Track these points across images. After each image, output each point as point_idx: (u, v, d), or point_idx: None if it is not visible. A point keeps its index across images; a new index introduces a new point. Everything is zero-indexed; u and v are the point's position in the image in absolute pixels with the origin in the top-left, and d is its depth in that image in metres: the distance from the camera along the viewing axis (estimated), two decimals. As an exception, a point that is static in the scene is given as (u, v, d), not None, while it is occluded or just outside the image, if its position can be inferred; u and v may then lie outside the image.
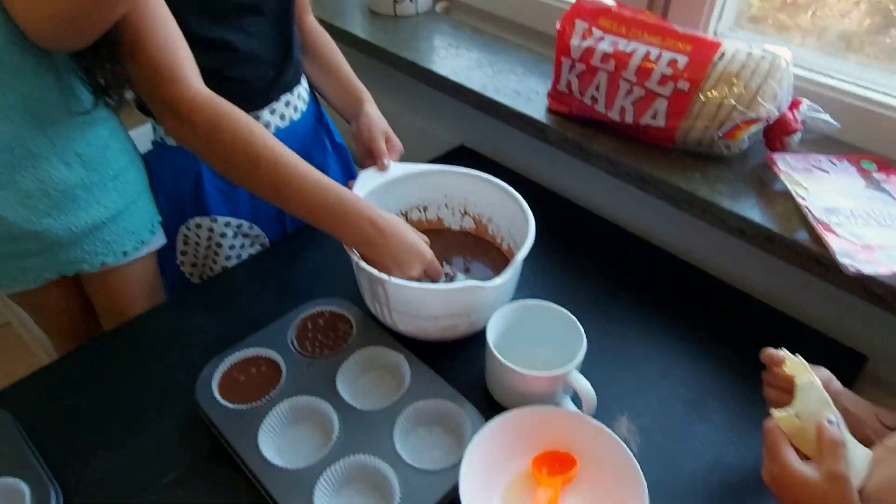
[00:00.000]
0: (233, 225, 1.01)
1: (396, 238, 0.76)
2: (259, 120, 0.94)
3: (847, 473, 0.54)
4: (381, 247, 0.76)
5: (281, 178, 0.74)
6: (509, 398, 0.74)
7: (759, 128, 0.85)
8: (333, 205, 0.75)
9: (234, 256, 1.04)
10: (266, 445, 0.70)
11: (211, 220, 0.99)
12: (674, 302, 0.91)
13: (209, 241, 1.02)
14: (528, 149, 1.11)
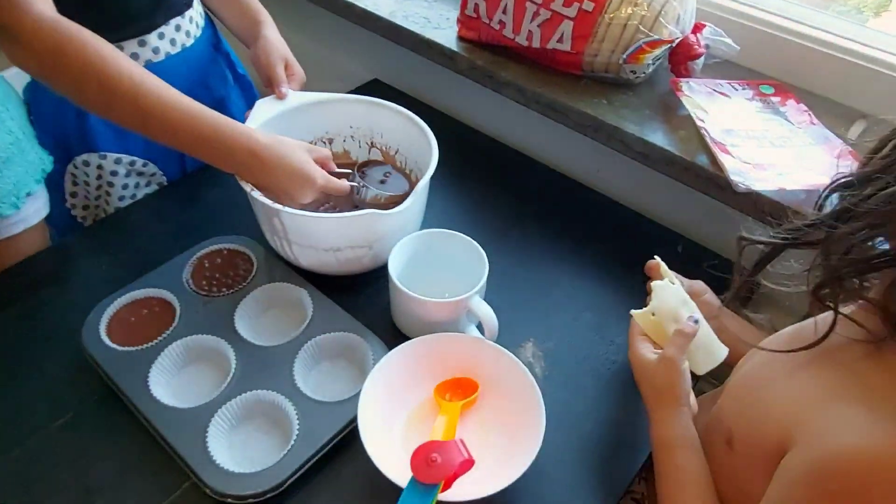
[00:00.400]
0: (124, 162, 0.94)
1: (280, 166, 0.71)
2: (146, 46, 0.87)
3: (678, 358, 0.61)
4: (265, 176, 0.72)
5: (143, 107, 0.68)
6: (414, 328, 0.73)
7: (663, 51, 0.85)
8: (207, 135, 0.70)
9: (128, 196, 0.97)
10: (158, 387, 0.67)
11: (99, 156, 0.92)
12: (582, 228, 0.92)
13: (99, 181, 0.94)
14: (440, 79, 1.08)
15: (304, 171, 0.72)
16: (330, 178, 0.75)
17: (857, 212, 0.47)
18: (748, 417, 0.56)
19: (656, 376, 0.62)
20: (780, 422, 0.51)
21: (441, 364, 0.69)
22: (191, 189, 0.97)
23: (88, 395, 0.70)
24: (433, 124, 0.83)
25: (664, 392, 0.62)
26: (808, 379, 0.51)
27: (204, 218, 0.91)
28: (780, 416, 0.51)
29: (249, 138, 0.71)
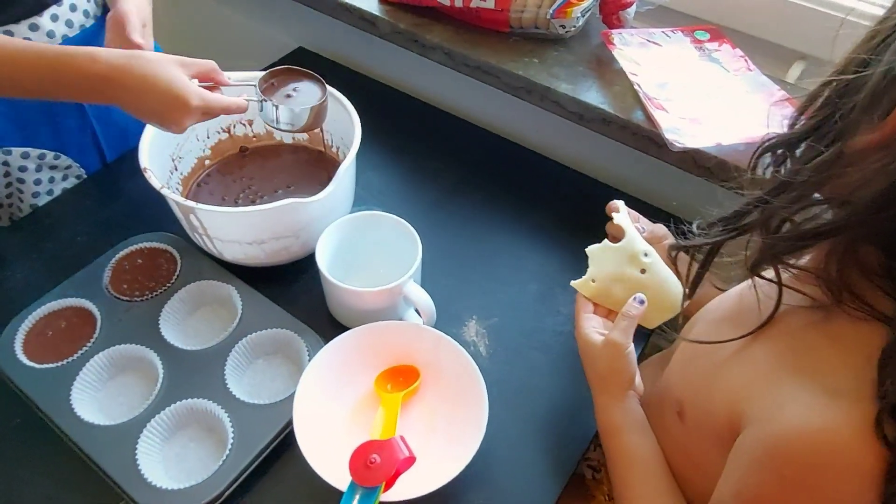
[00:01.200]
0: (33, 156, 0.87)
1: (142, 88, 0.61)
2: (39, 30, 0.79)
3: (623, 343, 0.59)
4: (132, 105, 0.62)
5: None
6: (351, 317, 0.71)
7: (593, 3, 0.80)
8: (50, 75, 0.61)
9: (44, 192, 0.91)
10: (82, 404, 0.64)
11: (3, 152, 0.85)
12: (525, 195, 0.89)
13: (8, 178, 0.88)
14: (365, 44, 1.02)
15: (172, 90, 0.61)
16: (210, 96, 0.64)
17: (790, 183, 0.44)
18: (697, 389, 0.55)
19: (600, 360, 0.60)
20: (729, 396, 0.49)
21: (380, 353, 0.66)
22: (111, 182, 0.90)
23: (9, 417, 0.66)
24: (362, 92, 0.78)
25: (608, 378, 0.60)
26: (757, 350, 0.49)
27: (125, 213, 0.85)
28: (728, 389, 0.50)
29: (95, 62, 0.61)
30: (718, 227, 0.50)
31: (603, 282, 0.65)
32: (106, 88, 0.62)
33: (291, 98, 0.71)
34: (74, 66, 0.61)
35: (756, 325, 0.48)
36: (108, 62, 0.61)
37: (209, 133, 0.83)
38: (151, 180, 0.67)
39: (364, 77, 1.07)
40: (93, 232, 0.83)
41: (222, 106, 0.65)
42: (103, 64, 0.61)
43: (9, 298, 0.75)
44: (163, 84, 0.61)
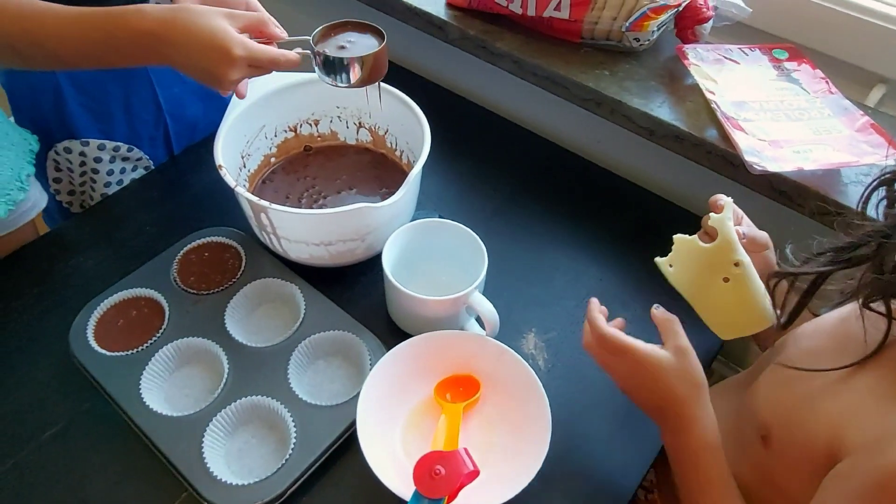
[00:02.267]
0: (108, 148, 0.90)
1: (186, 41, 0.59)
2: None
3: (688, 345, 0.56)
4: (177, 57, 0.60)
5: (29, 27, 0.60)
6: (412, 324, 0.71)
7: (669, 17, 0.79)
8: (106, 32, 0.60)
9: (114, 182, 0.93)
10: (150, 393, 0.65)
11: (81, 143, 0.88)
12: (585, 207, 0.88)
13: (83, 167, 0.91)
14: (430, 49, 1.02)
15: (215, 40, 0.58)
16: (255, 46, 0.61)
17: None
18: (790, 416, 0.53)
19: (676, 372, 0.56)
20: (829, 423, 0.48)
21: (441, 362, 0.66)
22: (178, 175, 0.93)
23: (79, 402, 0.68)
24: (425, 95, 0.78)
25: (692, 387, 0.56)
26: (861, 379, 0.48)
27: (192, 205, 0.87)
28: (829, 416, 0.48)
29: (144, 18, 0.59)
30: (828, 255, 0.49)
31: (680, 272, 0.62)
32: (156, 45, 0.60)
33: (345, 49, 0.67)
34: (124, 25, 0.60)
35: (861, 354, 0.47)
36: (155, 17, 0.59)
37: (276, 132, 0.84)
38: (226, 178, 0.69)
39: (427, 81, 1.07)
40: (160, 223, 0.85)
41: (269, 57, 0.61)
42: (151, 20, 0.59)
43: (81, 285, 0.77)
44: (206, 35, 0.59)
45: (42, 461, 0.63)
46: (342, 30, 0.68)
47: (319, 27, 0.67)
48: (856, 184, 0.70)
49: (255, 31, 0.63)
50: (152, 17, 0.59)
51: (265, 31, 0.64)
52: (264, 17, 0.64)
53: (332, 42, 0.67)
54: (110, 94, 0.86)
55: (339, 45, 0.67)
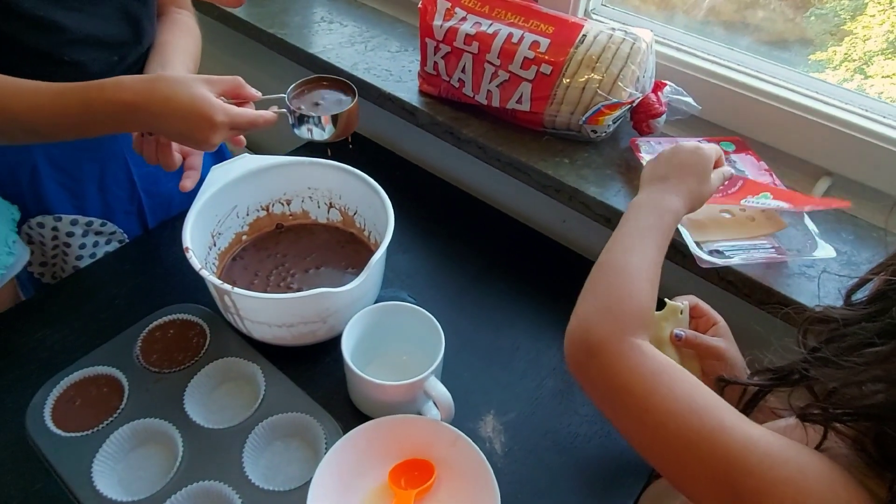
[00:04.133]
0: (81, 223, 0.92)
1: (167, 110, 0.61)
2: None
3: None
4: (159, 125, 0.63)
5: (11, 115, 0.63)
6: (370, 406, 0.72)
7: (624, 112, 0.84)
8: (84, 103, 0.62)
9: (87, 256, 0.95)
10: (102, 476, 0.65)
11: (54, 218, 0.90)
12: (549, 287, 0.90)
13: (55, 241, 0.92)
14: (404, 130, 1.07)
15: (196, 108, 0.61)
16: (235, 111, 0.63)
17: (841, 362, 0.43)
18: None
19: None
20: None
21: (396, 446, 0.67)
22: (151, 248, 0.94)
23: (32, 482, 0.67)
24: (397, 172, 0.82)
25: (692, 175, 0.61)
26: None
27: (163, 279, 0.89)
28: None
29: (122, 89, 0.61)
30: (767, 375, 0.50)
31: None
32: (135, 115, 0.63)
33: (319, 107, 0.71)
34: (102, 98, 0.62)
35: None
36: (134, 89, 0.61)
37: (249, 211, 0.87)
38: (192, 260, 0.71)
39: (401, 159, 1.11)
40: (130, 296, 0.86)
41: (248, 119, 0.64)
42: (129, 91, 0.62)
43: (45, 359, 0.77)
44: (187, 104, 0.61)
45: (-12, 545, 0.63)
46: (316, 86, 0.73)
47: (294, 84, 0.72)
48: (800, 276, 0.73)
49: (231, 93, 0.66)
50: (131, 89, 0.62)
51: (241, 93, 0.67)
52: (239, 80, 0.66)
53: (307, 98, 0.71)
54: (85, 171, 0.88)
55: (314, 101, 0.71)
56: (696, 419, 0.43)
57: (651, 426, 0.46)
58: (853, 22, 0.89)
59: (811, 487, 0.39)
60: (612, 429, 0.75)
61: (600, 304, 0.52)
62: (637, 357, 0.47)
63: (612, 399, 0.49)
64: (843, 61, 0.89)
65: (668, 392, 0.45)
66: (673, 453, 0.45)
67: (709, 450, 0.42)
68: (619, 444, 0.74)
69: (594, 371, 0.49)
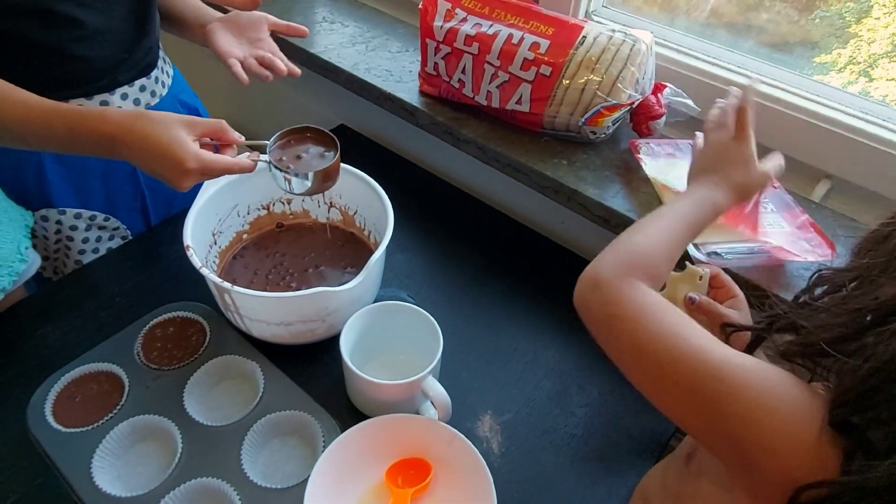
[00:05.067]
0: (84, 217, 0.93)
1: (143, 148, 0.63)
2: (109, 105, 0.86)
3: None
4: (136, 162, 0.65)
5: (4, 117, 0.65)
6: (367, 405, 0.72)
7: (623, 113, 0.84)
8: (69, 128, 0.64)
9: (89, 250, 0.96)
10: (102, 472, 0.65)
11: (58, 212, 0.91)
12: (547, 288, 0.91)
13: (58, 235, 0.93)
14: (404, 130, 1.07)
15: (169, 152, 0.62)
16: (208, 158, 0.64)
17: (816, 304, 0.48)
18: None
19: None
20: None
21: (393, 445, 0.67)
22: (153, 246, 0.95)
23: (33, 477, 0.68)
24: (397, 172, 0.82)
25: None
26: None
27: (165, 277, 0.89)
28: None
29: (106, 122, 0.64)
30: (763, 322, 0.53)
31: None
32: (113, 147, 0.64)
33: (300, 160, 0.71)
34: (87, 126, 0.64)
35: None
36: (116, 122, 0.64)
37: (249, 209, 0.87)
38: (192, 259, 0.71)
39: (401, 158, 1.12)
40: (131, 293, 0.87)
41: (222, 166, 0.65)
42: (111, 124, 0.64)
43: (46, 356, 0.78)
44: (162, 146, 0.62)
45: (-12, 539, 0.63)
46: (300, 136, 0.73)
47: (278, 133, 0.72)
48: (798, 278, 0.73)
49: (214, 136, 0.67)
50: (114, 122, 0.64)
51: (223, 137, 0.68)
52: (222, 124, 0.67)
53: (290, 150, 0.71)
54: (90, 167, 0.89)
55: (296, 154, 0.71)
56: (680, 341, 0.47)
57: (637, 350, 0.50)
58: (858, 24, 0.88)
59: (777, 393, 0.43)
60: (608, 430, 0.75)
61: (614, 249, 0.56)
62: (633, 292, 0.51)
63: (607, 328, 0.52)
64: (848, 64, 0.89)
65: (657, 320, 0.49)
66: (657, 374, 0.48)
67: (689, 368, 0.46)
68: (614, 444, 0.74)
69: (594, 303, 0.53)
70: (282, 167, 0.69)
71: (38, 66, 0.77)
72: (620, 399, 0.78)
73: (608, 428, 0.75)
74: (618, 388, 0.79)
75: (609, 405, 0.77)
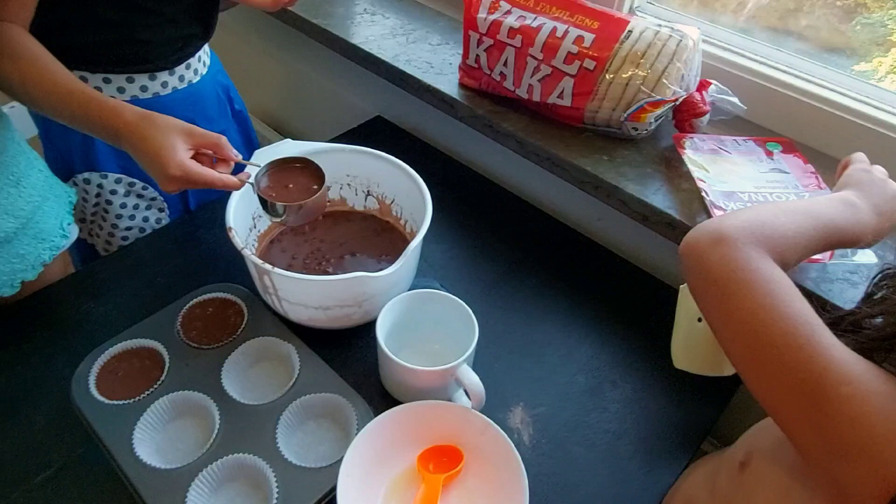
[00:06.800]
0: (124, 182, 0.96)
1: (139, 148, 0.67)
2: (156, 80, 0.90)
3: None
4: (134, 157, 0.69)
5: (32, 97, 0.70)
6: (401, 391, 0.73)
7: (667, 110, 0.83)
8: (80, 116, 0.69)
9: (125, 216, 0.98)
10: (142, 444, 0.67)
11: (100, 175, 0.94)
12: (581, 284, 0.90)
13: (98, 198, 0.96)
14: (442, 122, 1.07)
15: (158, 156, 0.65)
16: (193, 169, 0.66)
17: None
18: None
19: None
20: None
21: (426, 431, 0.68)
22: (192, 229, 0.97)
23: (74, 447, 0.70)
24: (433, 164, 0.82)
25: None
26: None
27: (203, 260, 0.91)
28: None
29: (118, 115, 0.68)
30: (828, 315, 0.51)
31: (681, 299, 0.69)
32: (117, 139, 0.69)
33: (288, 189, 0.73)
34: (101, 117, 0.69)
35: None
36: (123, 119, 0.67)
37: (289, 195, 0.89)
38: (234, 240, 0.72)
39: (436, 150, 1.12)
40: (171, 274, 0.89)
41: (205, 180, 0.67)
42: (120, 120, 0.68)
43: (89, 331, 0.80)
44: (154, 149, 0.66)
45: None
46: (292, 167, 0.75)
47: (275, 159, 0.74)
48: (842, 281, 0.72)
49: (212, 149, 0.70)
50: (122, 119, 0.68)
51: (220, 152, 0.70)
52: (221, 140, 0.70)
53: (281, 177, 0.74)
54: None
55: (286, 183, 0.73)
56: (807, 331, 0.45)
57: (755, 322, 0.47)
58: (902, 32, 0.87)
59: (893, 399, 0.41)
60: (641, 427, 0.75)
61: (744, 215, 0.53)
62: (764, 263, 0.48)
63: (724, 288, 0.49)
64: (889, 72, 0.87)
65: (787, 302, 0.46)
66: (770, 354, 0.46)
67: (812, 360, 0.44)
68: (647, 443, 0.74)
69: (715, 257, 0.50)
70: (264, 194, 0.71)
71: (99, 43, 0.81)
72: (654, 398, 0.77)
73: (641, 426, 0.75)
74: (652, 387, 0.78)
75: (643, 403, 0.77)
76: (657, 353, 0.81)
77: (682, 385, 0.78)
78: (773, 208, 0.55)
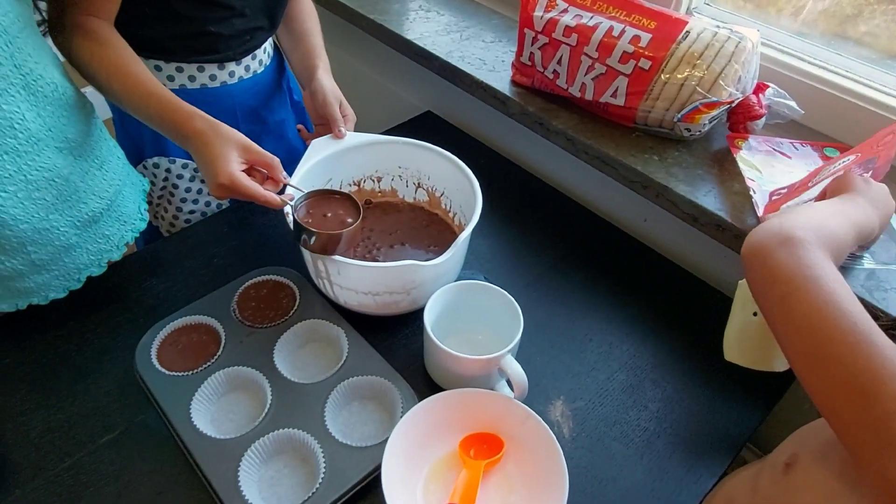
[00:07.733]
0: (190, 167, 1.01)
1: (198, 154, 0.73)
2: (224, 69, 0.94)
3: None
4: (195, 160, 0.74)
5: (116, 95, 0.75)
6: (445, 378, 0.74)
7: (721, 112, 0.83)
8: (160, 114, 0.74)
9: (189, 200, 1.03)
10: (199, 414, 0.71)
11: (169, 160, 0.99)
12: (625, 283, 0.91)
13: (165, 182, 1.01)
14: (492, 119, 1.09)
15: (212, 164, 0.71)
16: (240, 181, 0.71)
17: None
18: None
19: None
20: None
21: (468, 418, 0.69)
22: (248, 214, 1.01)
23: (136, 413, 0.74)
24: (482, 160, 0.84)
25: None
26: None
27: (257, 244, 0.95)
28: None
29: (191, 120, 0.73)
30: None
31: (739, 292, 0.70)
32: (185, 143, 0.74)
33: (326, 218, 0.75)
34: (173, 120, 0.74)
35: None
36: (192, 127, 0.72)
37: (342, 185, 0.92)
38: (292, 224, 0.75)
39: (485, 146, 1.14)
40: (227, 256, 0.93)
41: (250, 193, 0.71)
42: (189, 127, 0.73)
43: (151, 306, 0.85)
44: (211, 156, 0.71)
45: (95, 464, 0.69)
46: (335, 199, 0.78)
47: (320, 188, 0.78)
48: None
49: (265, 168, 0.74)
50: (192, 126, 0.72)
51: (270, 173, 0.75)
52: (275, 162, 0.74)
53: (322, 206, 0.77)
54: None
55: (324, 212, 0.76)
56: (867, 329, 0.46)
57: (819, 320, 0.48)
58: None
59: None
60: (681, 427, 0.75)
61: (804, 215, 0.55)
62: (829, 263, 0.50)
63: (786, 285, 0.50)
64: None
65: (850, 300, 0.48)
66: (829, 352, 0.47)
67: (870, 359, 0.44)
68: (686, 442, 0.74)
69: (780, 256, 0.51)
70: (299, 218, 0.73)
71: (174, 35, 0.86)
72: (695, 398, 0.77)
73: (681, 425, 0.75)
74: (693, 387, 0.79)
75: (683, 403, 0.77)
76: (700, 355, 0.81)
77: (725, 389, 0.78)
78: (823, 210, 0.57)
